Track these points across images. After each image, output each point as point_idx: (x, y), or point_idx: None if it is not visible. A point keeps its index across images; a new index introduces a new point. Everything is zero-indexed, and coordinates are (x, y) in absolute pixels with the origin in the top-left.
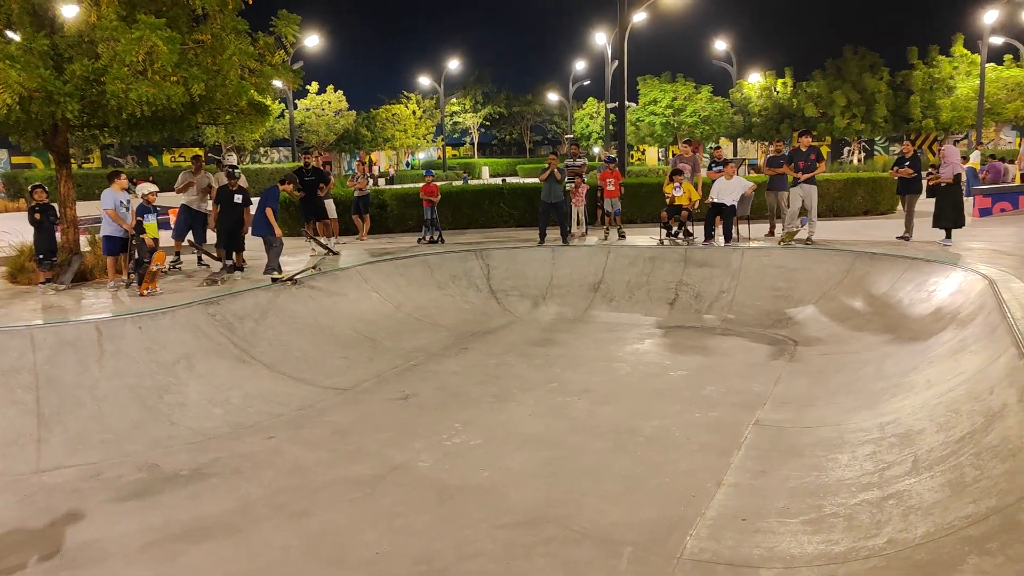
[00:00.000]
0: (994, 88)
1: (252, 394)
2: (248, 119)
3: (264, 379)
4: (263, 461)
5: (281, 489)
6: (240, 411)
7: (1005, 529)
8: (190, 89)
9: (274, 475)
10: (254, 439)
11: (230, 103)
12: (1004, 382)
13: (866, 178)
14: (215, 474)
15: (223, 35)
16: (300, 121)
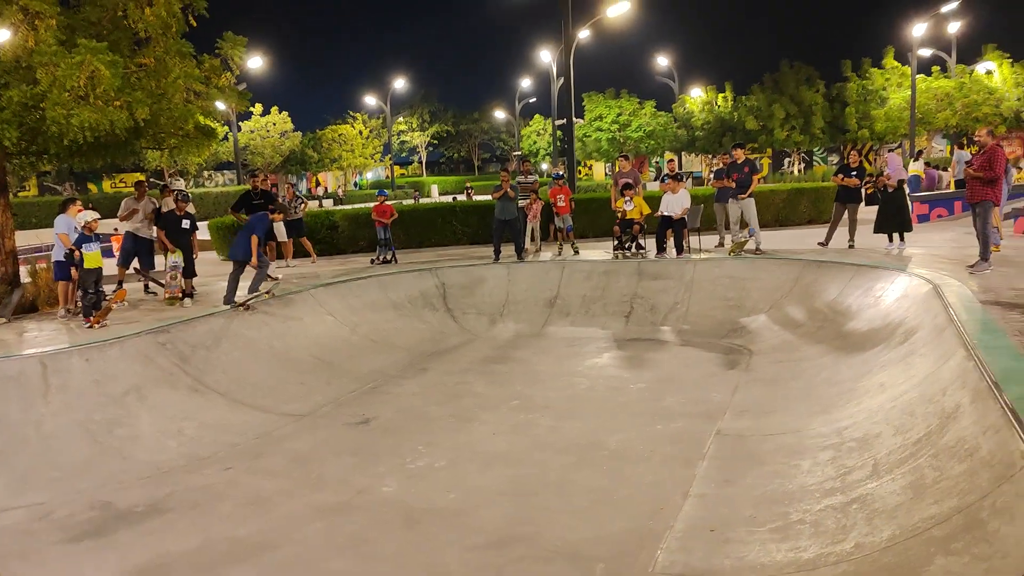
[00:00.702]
0: (924, 98)
1: (207, 424)
2: (194, 143)
3: (219, 408)
4: (221, 493)
5: (242, 521)
6: (195, 442)
7: (968, 528)
8: (134, 114)
9: (234, 507)
10: (211, 471)
11: (176, 127)
12: (956, 383)
13: (809, 188)
14: (172, 509)
15: (167, 58)
16: (244, 143)
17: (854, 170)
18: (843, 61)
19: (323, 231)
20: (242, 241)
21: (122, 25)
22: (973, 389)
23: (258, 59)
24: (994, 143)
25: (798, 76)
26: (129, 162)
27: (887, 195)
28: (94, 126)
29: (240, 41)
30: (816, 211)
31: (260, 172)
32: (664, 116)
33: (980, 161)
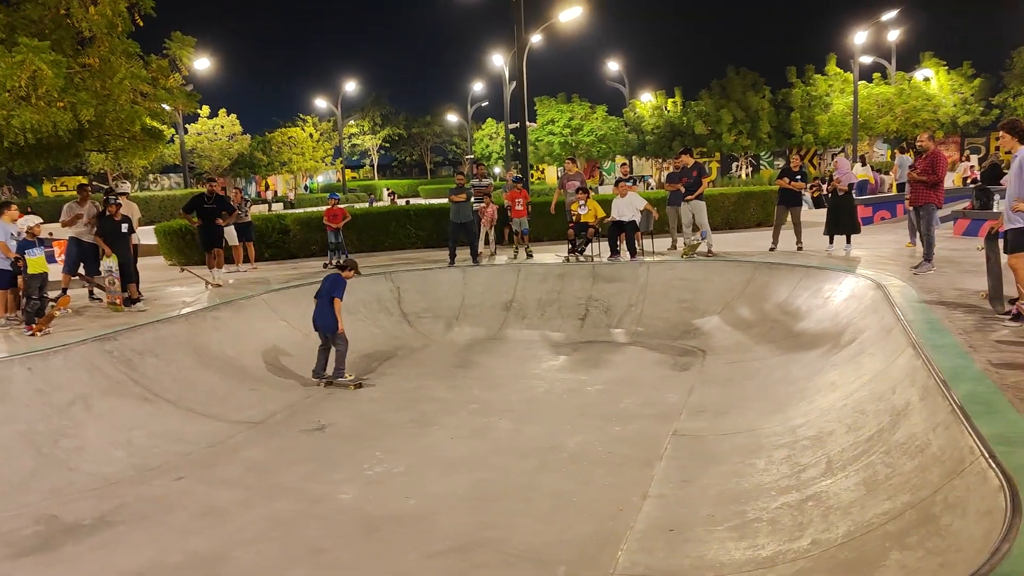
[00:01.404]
0: (866, 104)
1: (157, 433)
2: (141, 145)
3: (170, 417)
4: (173, 504)
5: (195, 532)
6: (145, 452)
7: (922, 523)
8: (78, 115)
9: (187, 518)
10: (162, 481)
11: (121, 129)
12: (905, 381)
13: (758, 191)
14: (121, 521)
15: (112, 58)
16: (192, 146)
17: (797, 173)
18: (788, 67)
19: (274, 235)
20: (324, 307)
21: (65, 24)
22: (922, 387)
23: (206, 60)
24: (936, 148)
25: (745, 82)
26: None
27: (836, 199)
28: (36, 127)
29: (188, 41)
30: (764, 213)
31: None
32: (615, 121)
33: (923, 165)
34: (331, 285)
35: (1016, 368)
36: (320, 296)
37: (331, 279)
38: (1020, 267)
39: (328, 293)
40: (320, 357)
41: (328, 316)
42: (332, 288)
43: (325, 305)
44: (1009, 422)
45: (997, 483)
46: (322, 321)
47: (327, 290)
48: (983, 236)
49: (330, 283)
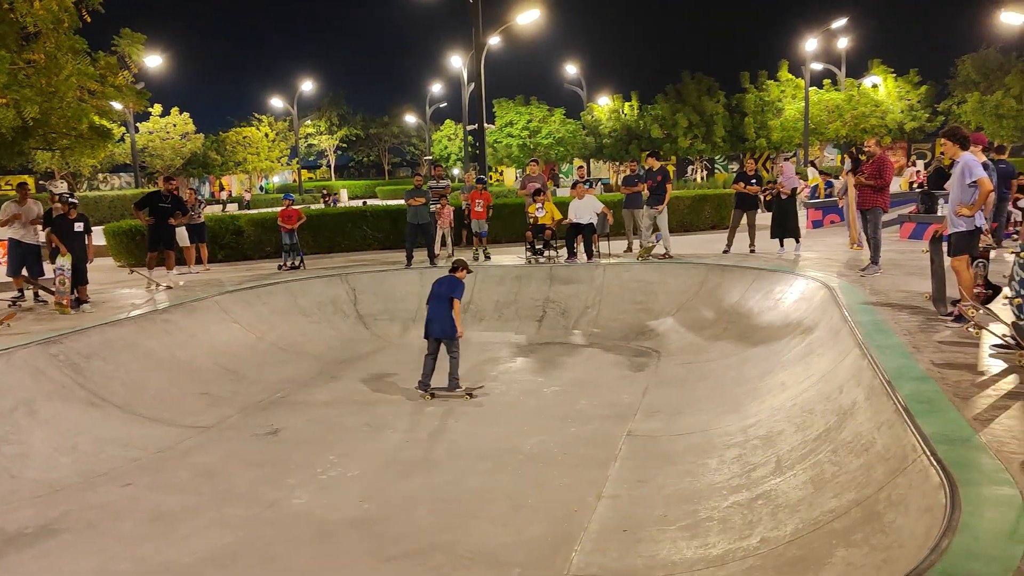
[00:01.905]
0: (817, 110)
1: (104, 439)
2: (89, 143)
3: (117, 422)
4: (121, 511)
5: (143, 540)
6: (91, 458)
7: (867, 520)
8: (22, 112)
9: (134, 525)
10: (109, 488)
11: (68, 127)
12: (851, 381)
13: (712, 194)
14: (66, 530)
15: (59, 54)
16: (143, 145)
17: (752, 177)
18: (741, 73)
19: (227, 236)
20: (441, 310)
21: (8, 18)
22: (868, 386)
23: (157, 57)
24: (882, 153)
25: (700, 87)
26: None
27: (780, 203)
28: None
29: (138, 38)
30: (719, 217)
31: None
32: (573, 124)
33: (870, 169)
34: (449, 287)
35: (957, 368)
36: (435, 300)
37: (447, 282)
38: (962, 270)
39: (447, 295)
40: (427, 366)
41: (446, 320)
42: (452, 290)
43: (442, 309)
44: (950, 421)
45: (938, 480)
46: (439, 326)
47: (445, 292)
48: (928, 239)
49: (447, 285)
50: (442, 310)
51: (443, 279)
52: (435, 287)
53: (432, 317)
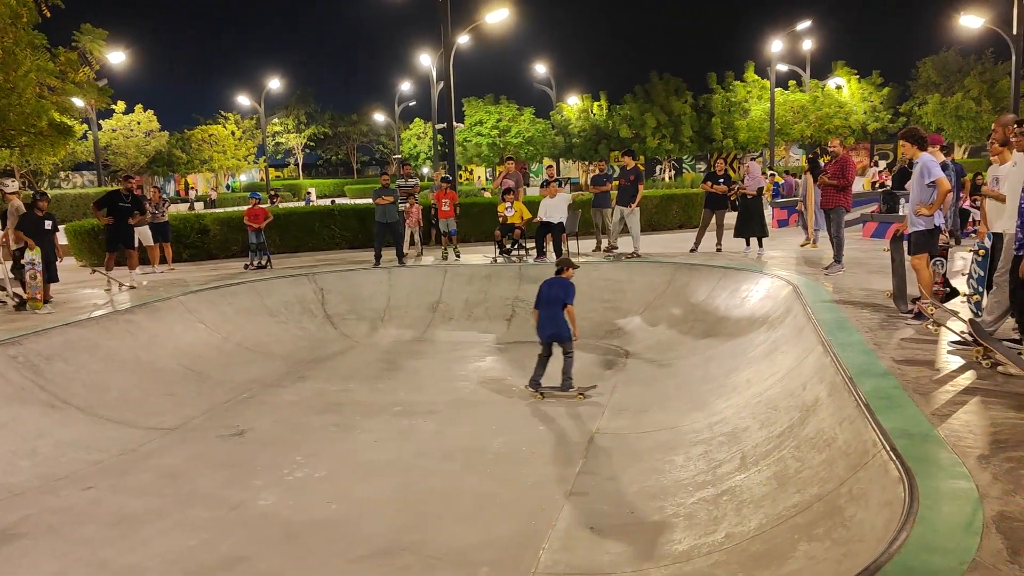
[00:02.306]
0: (782, 111)
1: (65, 442)
2: (49, 141)
3: (79, 424)
4: (82, 515)
5: (105, 543)
6: (52, 461)
7: (828, 515)
8: None
9: (96, 529)
10: (70, 491)
11: (27, 123)
12: (815, 378)
13: (680, 194)
14: (25, 534)
15: (17, 50)
16: (106, 143)
17: (721, 177)
18: (709, 74)
19: (193, 235)
20: (556, 316)
21: None
22: (830, 383)
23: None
24: (846, 153)
25: (668, 87)
26: None
27: (745, 202)
28: None
29: (100, 34)
30: (686, 216)
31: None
32: (542, 123)
33: (833, 169)
34: (562, 290)
35: (917, 364)
36: (546, 304)
37: (559, 284)
38: (922, 268)
39: (560, 300)
40: (540, 367)
41: (560, 322)
42: (565, 294)
43: (556, 312)
44: (909, 416)
45: (897, 475)
46: (555, 330)
47: (558, 297)
48: (889, 238)
49: (561, 288)
50: (556, 314)
51: (553, 281)
52: (545, 290)
53: (544, 322)
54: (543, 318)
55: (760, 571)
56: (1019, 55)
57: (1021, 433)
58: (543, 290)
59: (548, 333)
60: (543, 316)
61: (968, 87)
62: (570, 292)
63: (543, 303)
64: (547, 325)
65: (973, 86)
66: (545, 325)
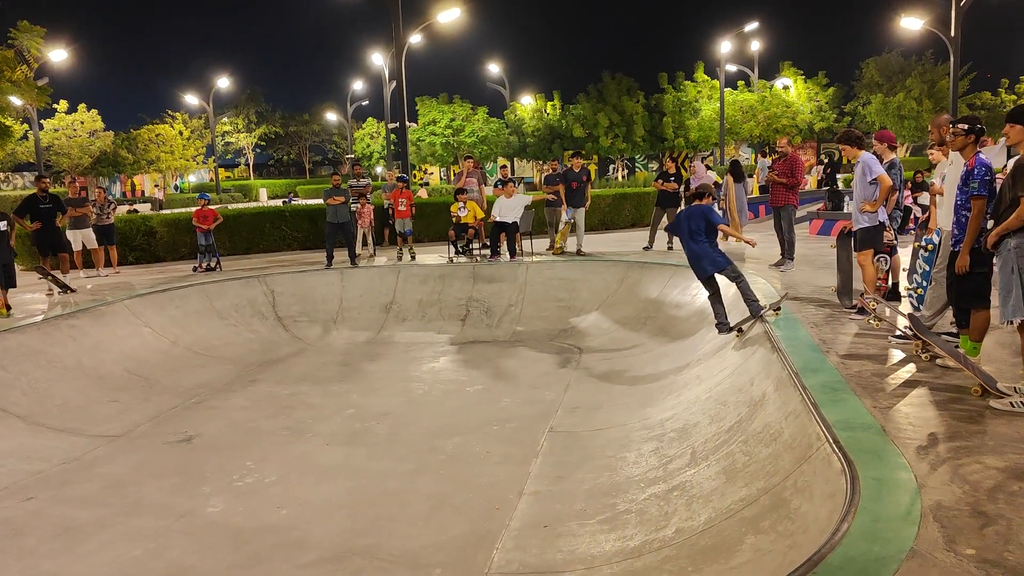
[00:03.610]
0: (732, 110)
1: (4, 452)
2: None
3: (18, 433)
4: (22, 527)
5: (47, 555)
6: None
7: (774, 507)
8: None
9: (38, 541)
10: (9, 502)
11: None
12: (762, 374)
13: (632, 193)
14: None
15: None
16: (48, 143)
17: (672, 176)
18: (660, 74)
19: (139, 238)
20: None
21: None
22: (776, 378)
23: (62, 52)
24: (794, 151)
25: (620, 87)
26: None
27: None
28: None
29: (37, 31)
30: (639, 215)
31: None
32: (496, 123)
33: (782, 167)
34: (704, 218)
35: (860, 359)
36: (689, 238)
37: (700, 211)
38: (867, 264)
39: (707, 231)
40: (718, 308)
41: (716, 254)
42: (709, 221)
43: (704, 245)
44: (852, 409)
45: (840, 467)
46: (710, 262)
47: (702, 228)
48: (835, 235)
49: (702, 217)
50: (704, 247)
51: (692, 211)
52: (685, 223)
53: (698, 255)
54: (696, 254)
55: (709, 565)
56: (957, 56)
57: (958, 424)
58: (684, 225)
59: (706, 269)
60: (695, 252)
61: (909, 87)
62: (711, 215)
63: (686, 238)
64: (702, 259)
65: (914, 86)
66: (700, 260)
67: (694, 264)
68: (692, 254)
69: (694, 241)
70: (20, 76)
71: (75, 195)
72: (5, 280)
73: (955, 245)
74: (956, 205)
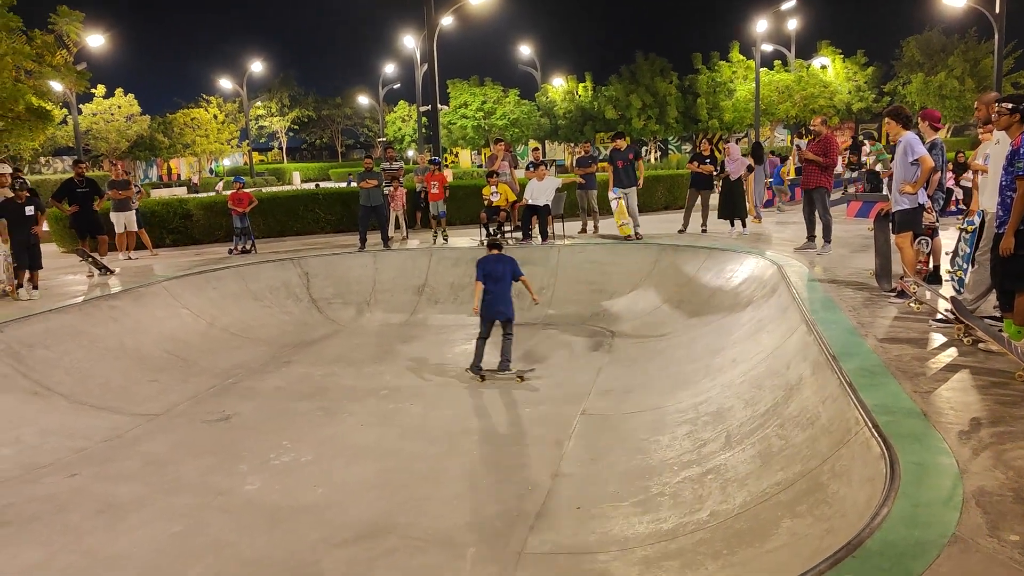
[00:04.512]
0: (767, 91)
1: (48, 429)
2: (27, 125)
3: (62, 412)
4: (67, 503)
5: (90, 531)
6: (35, 449)
7: (811, 491)
8: None
9: (81, 517)
10: (54, 479)
11: (4, 108)
12: (798, 357)
13: (665, 175)
14: (8, 523)
15: None
16: (87, 127)
17: (707, 158)
18: (694, 54)
19: (176, 220)
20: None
21: None
22: (813, 362)
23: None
24: (829, 132)
25: (653, 68)
26: None
27: (728, 184)
28: None
29: (77, 16)
30: (672, 197)
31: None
32: (528, 105)
33: (816, 148)
34: (511, 264)
35: (899, 342)
36: (494, 280)
37: (505, 260)
38: (906, 247)
39: (511, 275)
40: (481, 349)
41: (509, 301)
42: (516, 269)
43: (505, 290)
44: (891, 393)
45: (879, 451)
46: (503, 306)
47: (507, 272)
48: (873, 217)
49: (510, 263)
50: (505, 291)
51: (498, 258)
52: (488, 266)
53: (493, 301)
54: (493, 295)
55: (744, 548)
56: (1001, 34)
57: (1001, 409)
58: (486, 269)
59: (496, 311)
60: (493, 293)
61: (951, 66)
62: (516, 266)
63: (491, 279)
64: (496, 303)
65: (956, 65)
66: (493, 303)
67: (487, 305)
68: (494, 295)
69: (502, 284)
70: (60, 61)
71: (118, 177)
72: (31, 262)
73: (999, 227)
74: (1001, 186)
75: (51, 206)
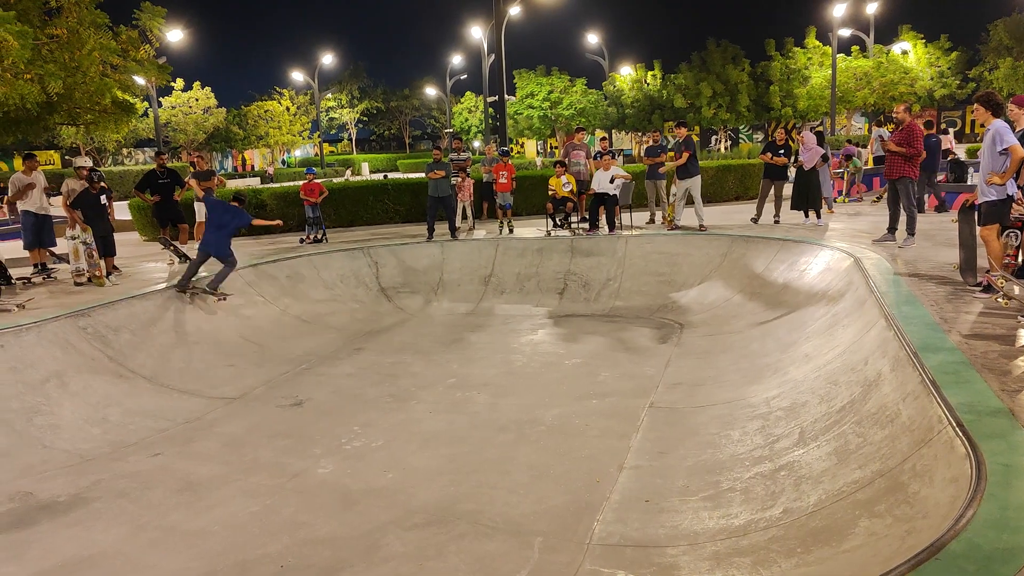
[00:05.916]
0: (844, 77)
1: (133, 410)
2: (112, 118)
3: (145, 393)
4: (150, 480)
5: (173, 508)
6: (121, 429)
7: (891, 491)
8: (46, 87)
9: (164, 494)
10: (138, 457)
11: (91, 101)
12: (876, 352)
13: (736, 165)
14: (97, 498)
15: (80, 29)
16: (166, 120)
17: (781, 148)
18: (767, 40)
19: (251, 210)
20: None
21: None
22: (893, 357)
23: (179, 32)
24: (912, 120)
25: (724, 55)
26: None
27: (802, 174)
28: (3, 100)
29: (159, 12)
30: (743, 187)
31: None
32: (595, 94)
33: (899, 137)
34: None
35: (985, 339)
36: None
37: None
38: (992, 239)
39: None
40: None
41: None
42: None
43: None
44: (976, 392)
45: (963, 451)
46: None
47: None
48: (957, 209)
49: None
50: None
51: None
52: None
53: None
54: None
55: (819, 547)
56: None
57: None
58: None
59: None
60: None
61: None
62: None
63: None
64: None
65: None
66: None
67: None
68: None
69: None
70: (144, 55)
71: (201, 169)
72: (104, 248)
73: None
74: None
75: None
